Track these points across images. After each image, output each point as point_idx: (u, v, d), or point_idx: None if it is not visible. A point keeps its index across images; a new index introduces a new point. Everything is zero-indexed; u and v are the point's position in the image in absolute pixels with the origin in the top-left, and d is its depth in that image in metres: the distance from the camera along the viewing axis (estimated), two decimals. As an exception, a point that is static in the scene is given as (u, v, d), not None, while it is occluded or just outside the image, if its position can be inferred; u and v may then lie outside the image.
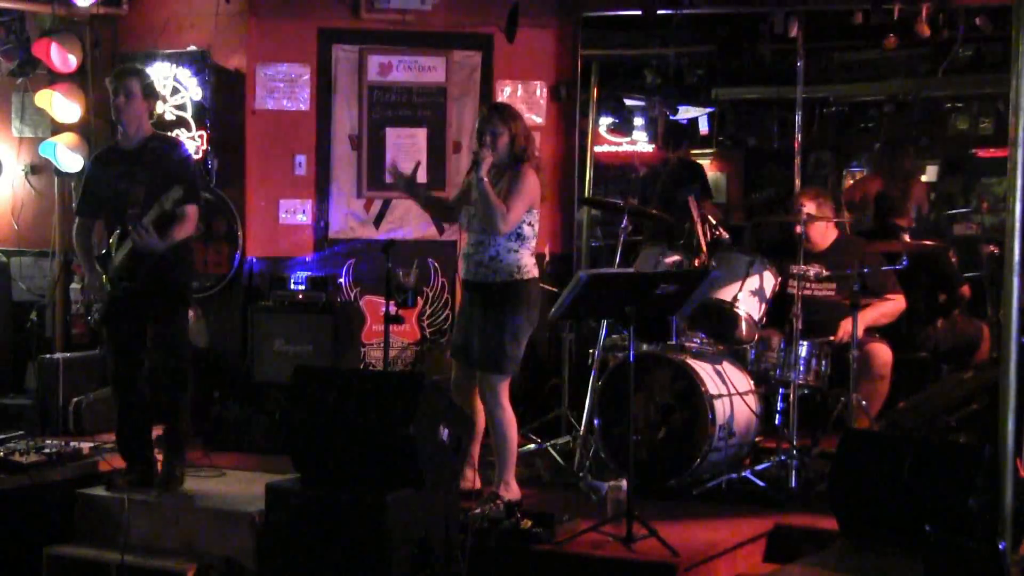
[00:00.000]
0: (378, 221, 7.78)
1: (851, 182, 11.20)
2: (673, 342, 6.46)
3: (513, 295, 5.59)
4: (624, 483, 5.46)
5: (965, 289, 7.79)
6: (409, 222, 7.80)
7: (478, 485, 5.82)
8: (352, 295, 7.70)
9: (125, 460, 5.91)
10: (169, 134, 6.10)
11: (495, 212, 5.45)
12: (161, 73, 7.60)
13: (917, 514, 4.59)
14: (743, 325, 6.50)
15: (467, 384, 5.77)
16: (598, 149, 10.21)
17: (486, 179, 5.47)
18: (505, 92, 7.82)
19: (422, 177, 7.72)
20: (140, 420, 5.92)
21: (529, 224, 5.64)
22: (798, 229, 6.48)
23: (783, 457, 6.18)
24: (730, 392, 6.18)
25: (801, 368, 6.29)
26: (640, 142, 12.43)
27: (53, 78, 7.67)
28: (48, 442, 6.41)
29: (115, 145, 6.09)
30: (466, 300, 5.77)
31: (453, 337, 5.90)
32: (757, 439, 6.47)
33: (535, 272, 5.72)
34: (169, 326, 5.90)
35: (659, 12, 7.72)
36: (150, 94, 5.99)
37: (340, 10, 7.70)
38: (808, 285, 6.49)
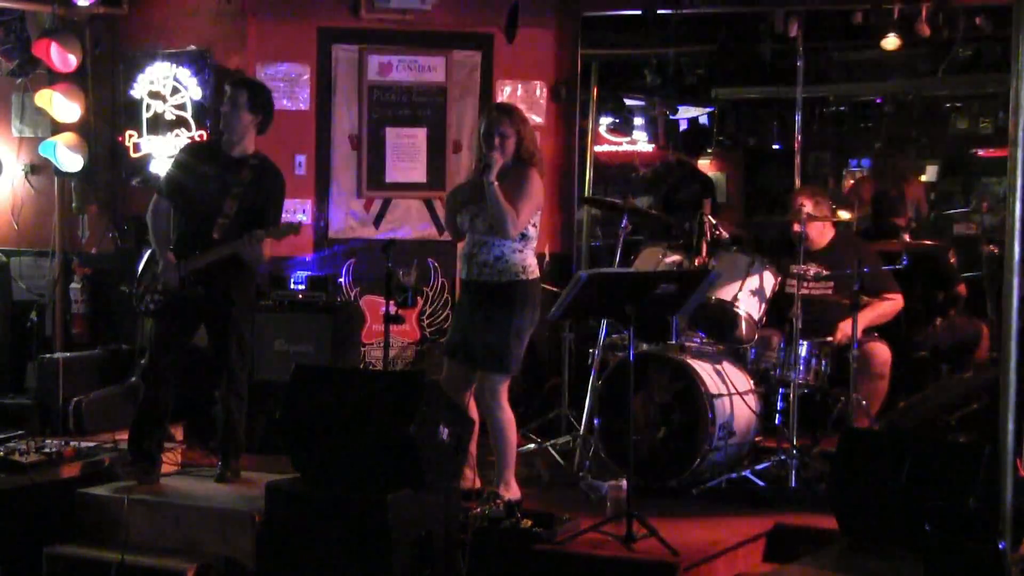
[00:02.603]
0: (378, 221, 7.79)
1: (851, 182, 11.22)
2: (673, 342, 6.47)
3: (518, 295, 5.58)
4: (624, 483, 5.46)
5: (961, 288, 7.79)
6: (409, 222, 7.80)
7: (478, 485, 5.82)
8: (352, 295, 7.71)
9: (132, 454, 5.91)
10: (269, 159, 6.09)
11: (506, 216, 5.43)
12: (161, 73, 7.61)
13: (917, 514, 4.59)
14: (743, 325, 6.50)
15: (461, 383, 5.73)
16: (598, 149, 10.21)
17: (496, 183, 5.45)
18: (505, 92, 7.82)
19: (420, 177, 7.79)
20: (160, 417, 5.93)
21: (533, 225, 5.63)
22: (797, 228, 6.49)
23: (783, 457, 6.18)
24: (730, 392, 6.18)
25: (801, 368, 6.29)
26: (640, 142, 12.44)
27: (53, 78, 7.67)
28: (48, 442, 6.40)
29: (217, 143, 6.07)
30: (465, 300, 5.74)
31: (449, 336, 5.87)
32: (757, 439, 6.47)
33: (538, 272, 5.71)
34: (237, 333, 5.91)
35: (659, 12, 7.73)
36: (256, 108, 5.87)
37: (340, 10, 7.70)
38: (807, 284, 6.49)
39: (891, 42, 7.79)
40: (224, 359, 5.94)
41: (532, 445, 6.77)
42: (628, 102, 10.75)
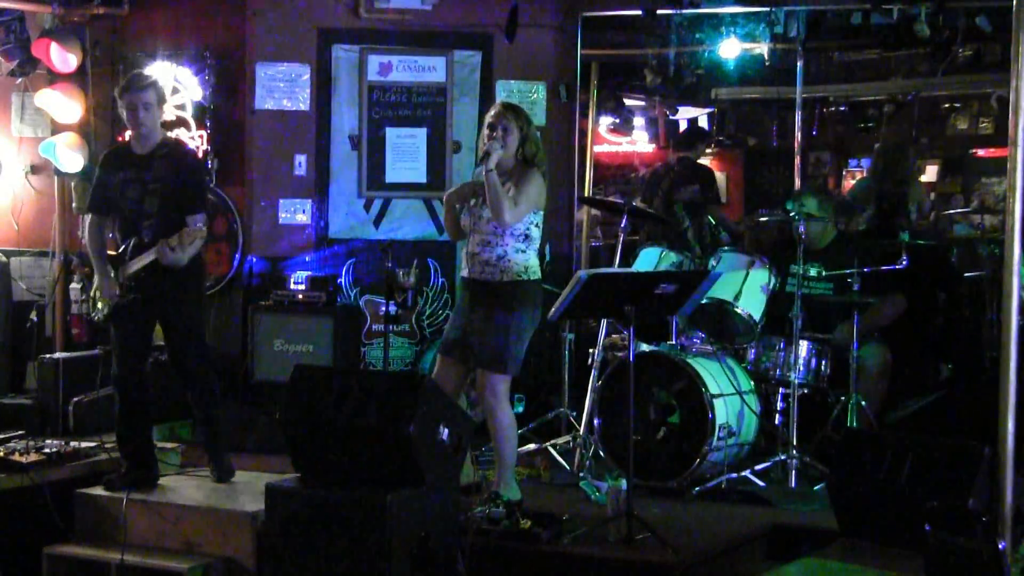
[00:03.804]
0: (378, 221, 7.78)
1: (851, 182, 11.22)
2: (673, 342, 6.47)
3: (520, 295, 5.57)
4: (624, 483, 5.46)
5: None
6: (409, 222, 7.80)
7: (477, 478, 5.81)
8: (352, 295, 7.70)
9: (124, 460, 5.91)
10: (175, 137, 6.11)
11: (502, 202, 5.41)
12: (161, 73, 7.60)
13: (917, 514, 4.59)
14: (743, 325, 6.50)
15: (452, 381, 5.71)
16: (598, 149, 10.22)
17: (495, 171, 5.44)
18: (505, 92, 7.82)
19: (420, 178, 7.78)
20: (140, 420, 5.93)
21: (536, 226, 5.62)
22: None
23: (783, 457, 6.18)
24: (730, 392, 6.18)
25: (801, 368, 6.29)
26: (640, 142, 12.43)
27: (53, 78, 7.67)
28: (48, 442, 6.40)
29: (126, 146, 6.09)
30: (466, 298, 5.72)
31: (446, 333, 5.85)
32: (757, 439, 6.47)
33: (540, 273, 5.70)
34: (189, 331, 5.94)
35: (659, 12, 7.72)
36: (162, 100, 5.96)
37: (340, 10, 7.70)
38: (808, 284, 6.49)
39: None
40: (182, 361, 5.96)
41: (532, 445, 6.77)
42: (628, 102, 10.73)
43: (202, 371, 5.98)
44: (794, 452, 6.14)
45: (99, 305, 5.91)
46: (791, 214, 6.58)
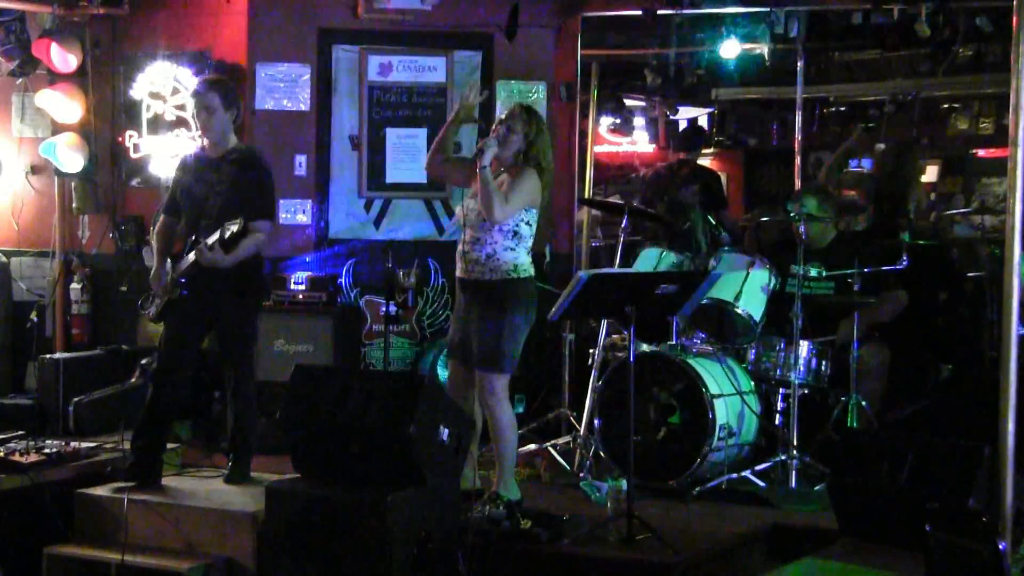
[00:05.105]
0: (378, 221, 7.78)
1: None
2: (673, 342, 6.47)
3: (510, 294, 5.56)
4: (624, 483, 5.46)
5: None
6: (409, 222, 7.80)
7: (478, 485, 5.81)
8: (352, 295, 7.70)
9: (134, 453, 5.91)
10: (251, 145, 6.14)
11: (493, 198, 5.39)
12: (161, 73, 7.61)
13: (917, 514, 4.59)
14: (743, 325, 6.50)
15: (463, 383, 5.74)
16: (598, 149, 10.20)
17: (488, 168, 5.44)
18: (505, 92, 7.81)
19: (421, 178, 7.77)
20: (162, 421, 5.96)
21: (527, 224, 5.61)
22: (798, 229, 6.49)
23: (783, 457, 6.18)
24: (730, 392, 6.18)
25: (801, 368, 6.29)
26: (640, 142, 12.43)
27: (53, 78, 7.68)
28: (48, 442, 6.40)
29: (202, 150, 6.12)
30: (462, 299, 5.73)
31: (450, 336, 5.87)
32: (757, 439, 6.47)
33: (531, 271, 5.69)
34: (235, 337, 5.98)
35: (659, 12, 7.72)
36: (230, 104, 5.93)
37: (340, 10, 7.70)
38: (808, 284, 6.49)
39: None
40: (228, 360, 5.99)
41: (532, 445, 6.77)
42: (628, 102, 10.73)
43: (246, 374, 6.00)
44: (794, 452, 6.14)
45: (153, 301, 5.96)
46: (791, 214, 6.58)
